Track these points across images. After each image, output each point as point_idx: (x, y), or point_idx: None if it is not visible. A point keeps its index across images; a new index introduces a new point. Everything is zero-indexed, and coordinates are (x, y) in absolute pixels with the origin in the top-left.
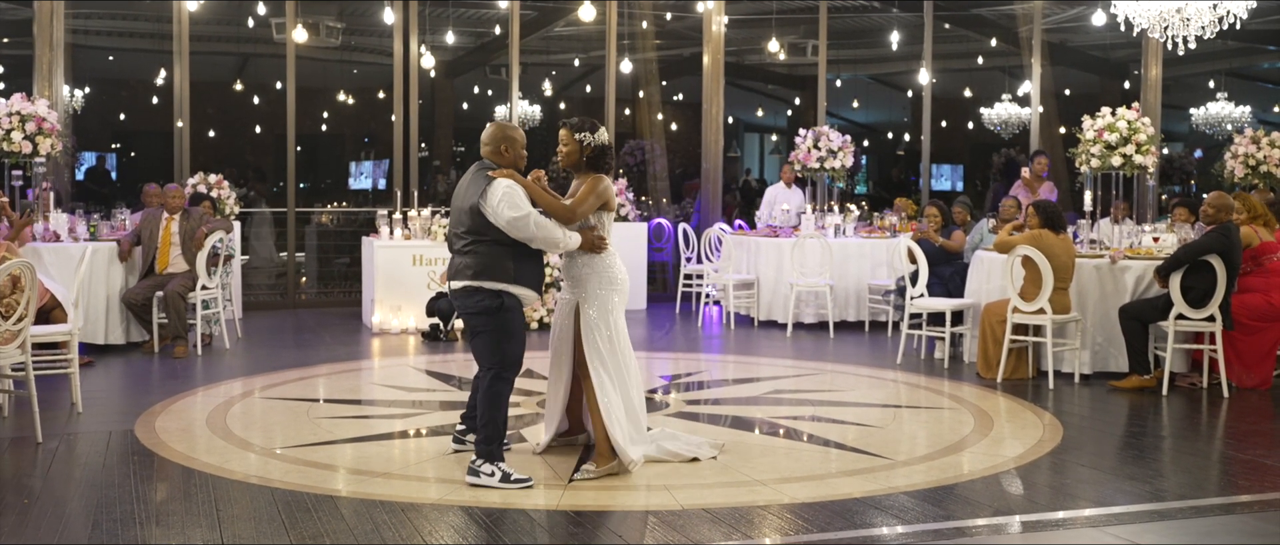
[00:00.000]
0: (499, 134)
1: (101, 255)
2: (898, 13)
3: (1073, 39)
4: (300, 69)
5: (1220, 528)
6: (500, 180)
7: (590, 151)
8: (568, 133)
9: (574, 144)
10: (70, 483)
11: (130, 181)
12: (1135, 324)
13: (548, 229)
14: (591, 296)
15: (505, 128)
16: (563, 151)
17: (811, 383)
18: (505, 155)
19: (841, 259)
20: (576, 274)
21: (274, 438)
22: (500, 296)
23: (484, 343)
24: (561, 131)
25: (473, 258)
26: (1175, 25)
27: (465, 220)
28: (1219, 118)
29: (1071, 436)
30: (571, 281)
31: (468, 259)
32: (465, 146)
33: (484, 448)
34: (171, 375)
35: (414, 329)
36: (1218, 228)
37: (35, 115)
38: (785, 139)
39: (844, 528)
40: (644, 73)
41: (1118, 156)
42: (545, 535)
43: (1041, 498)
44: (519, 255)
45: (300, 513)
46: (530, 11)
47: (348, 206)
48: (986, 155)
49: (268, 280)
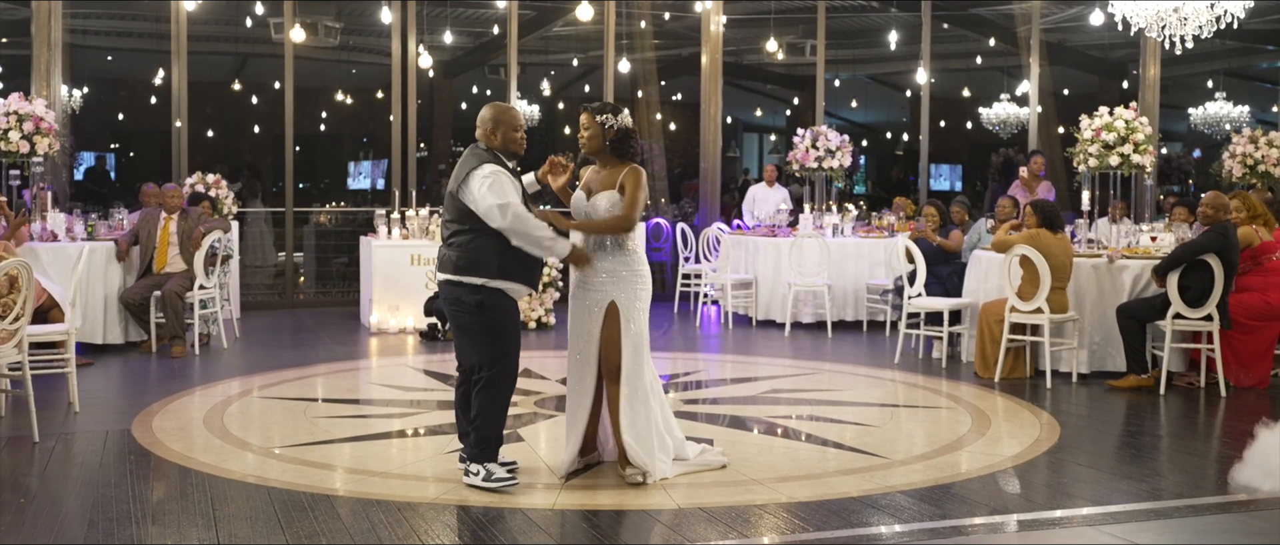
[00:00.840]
0: (490, 114)
1: (99, 255)
2: (896, 12)
3: (1071, 39)
4: (298, 69)
5: (1217, 527)
6: (486, 165)
7: (613, 135)
8: (588, 116)
9: (595, 127)
10: (67, 482)
11: (129, 181)
12: (1133, 323)
13: (526, 224)
14: (631, 295)
15: (499, 108)
16: (584, 136)
17: (809, 382)
18: (494, 137)
19: (839, 259)
20: (612, 269)
21: (271, 437)
22: (480, 292)
23: (466, 341)
24: (582, 116)
25: (456, 250)
26: (1173, 24)
27: (450, 208)
28: (1217, 117)
29: (1069, 436)
30: (605, 277)
31: (451, 251)
32: (464, 146)
33: (474, 451)
34: (169, 375)
35: (412, 328)
36: (1214, 227)
37: (33, 115)
38: (784, 139)
39: (841, 527)
40: (642, 73)
41: (1115, 156)
42: (542, 535)
43: (1039, 497)
44: (505, 246)
45: (297, 512)
46: (528, 11)
47: (346, 206)
48: (985, 155)
49: (266, 280)
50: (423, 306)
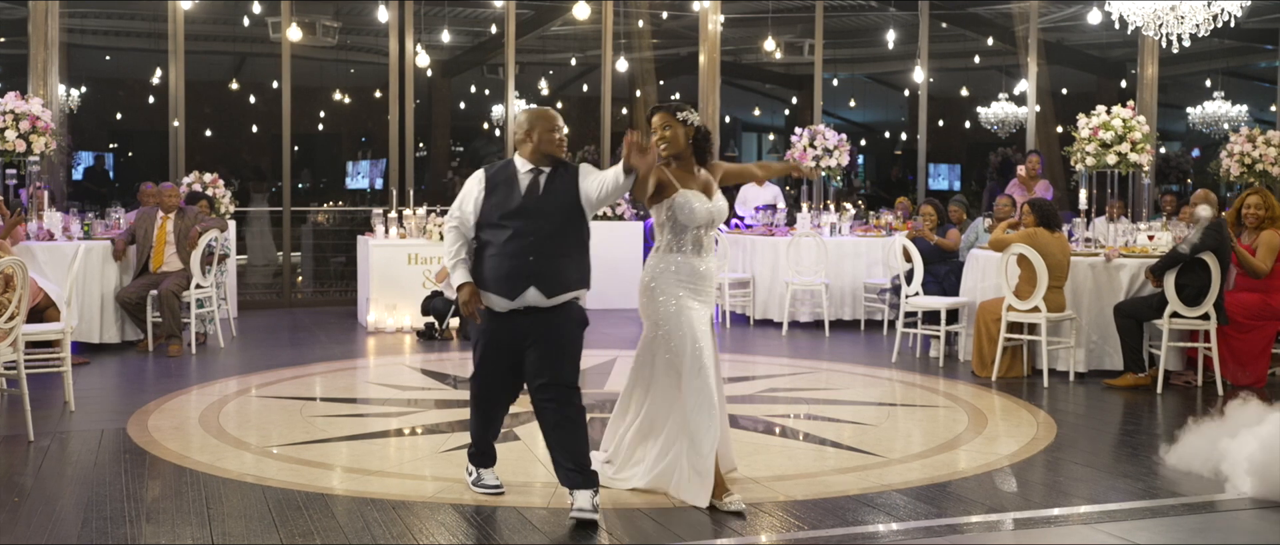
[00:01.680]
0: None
1: (95, 254)
2: (894, 12)
3: (1069, 38)
4: (296, 68)
5: (1214, 526)
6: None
7: (695, 134)
8: (667, 116)
9: (678, 127)
10: (61, 481)
11: (128, 181)
12: (1130, 322)
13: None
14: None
15: (535, 110)
16: (665, 138)
17: (807, 381)
18: (528, 140)
19: (837, 258)
20: (710, 274)
21: (267, 436)
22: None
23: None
24: (657, 118)
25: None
26: (1170, 23)
27: None
28: (1216, 117)
29: (1066, 434)
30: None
31: None
32: (462, 146)
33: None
34: (165, 374)
35: (409, 328)
36: (1210, 225)
37: (29, 114)
38: (782, 138)
39: (838, 525)
40: (640, 72)
41: (1113, 155)
42: (537, 534)
43: (1035, 495)
44: (481, 253)
45: (291, 511)
46: (526, 11)
47: (344, 206)
48: (983, 154)
49: (263, 279)
50: (420, 305)
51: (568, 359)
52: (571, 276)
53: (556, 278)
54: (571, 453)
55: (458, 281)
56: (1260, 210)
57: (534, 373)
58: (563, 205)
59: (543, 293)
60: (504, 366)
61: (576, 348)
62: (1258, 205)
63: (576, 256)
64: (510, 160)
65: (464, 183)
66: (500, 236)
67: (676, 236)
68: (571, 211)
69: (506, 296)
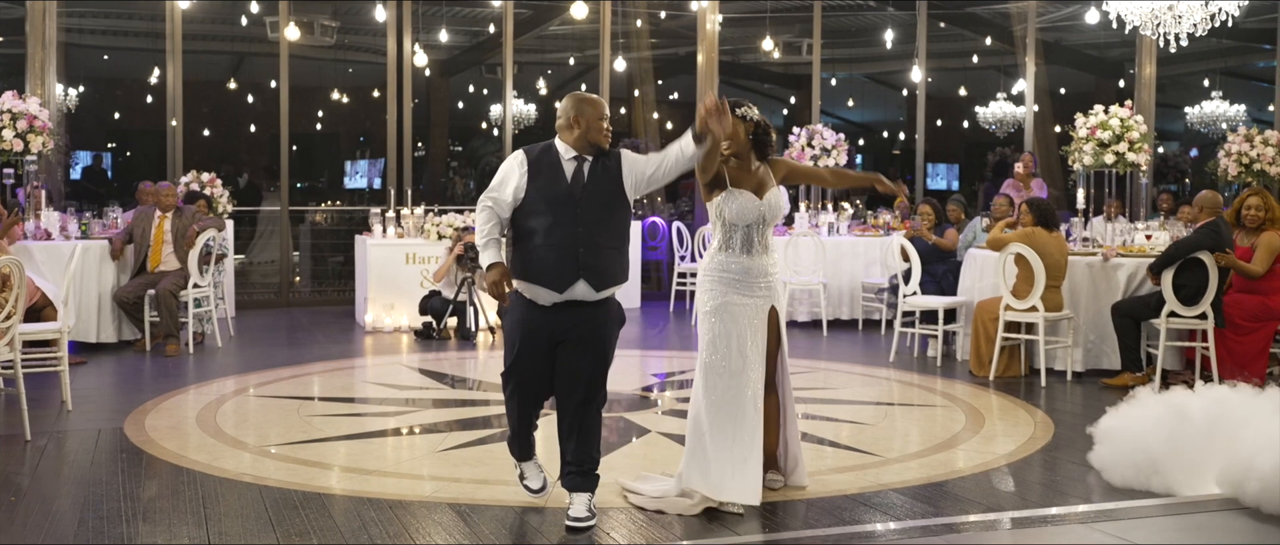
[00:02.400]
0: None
1: (92, 253)
2: (892, 11)
3: (1067, 37)
4: (294, 68)
5: (1212, 525)
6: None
7: (754, 128)
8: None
9: (738, 122)
10: (58, 480)
11: (126, 180)
12: (1128, 321)
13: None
14: (780, 301)
15: (579, 96)
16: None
17: (805, 381)
18: (574, 127)
19: (835, 257)
20: (771, 269)
21: (265, 436)
22: (514, 295)
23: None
24: None
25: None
26: (1167, 23)
27: None
28: (1213, 116)
29: (1063, 434)
30: (772, 279)
31: None
32: (461, 145)
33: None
34: (163, 373)
35: (407, 327)
36: (1208, 224)
37: (26, 113)
38: (780, 137)
39: (835, 524)
40: (639, 71)
41: (1110, 154)
42: (534, 533)
43: (1033, 495)
44: (518, 242)
45: (288, 510)
46: (524, 10)
47: (343, 205)
48: (981, 154)
49: (261, 278)
50: (418, 305)
51: (604, 365)
52: (618, 270)
53: (605, 271)
54: (580, 455)
55: (488, 261)
56: (1260, 212)
57: (568, 373)
58: (609, 195)
59: (592, 286)
60: (541, 358)
61: (612, 350)
62: (1258, 207)
63: (622, 249)
64: (551, 144)
65: (463, 181)
66: (545, 225)
67: (727, 235)
68: (617, 202)
69: (555, 289)
